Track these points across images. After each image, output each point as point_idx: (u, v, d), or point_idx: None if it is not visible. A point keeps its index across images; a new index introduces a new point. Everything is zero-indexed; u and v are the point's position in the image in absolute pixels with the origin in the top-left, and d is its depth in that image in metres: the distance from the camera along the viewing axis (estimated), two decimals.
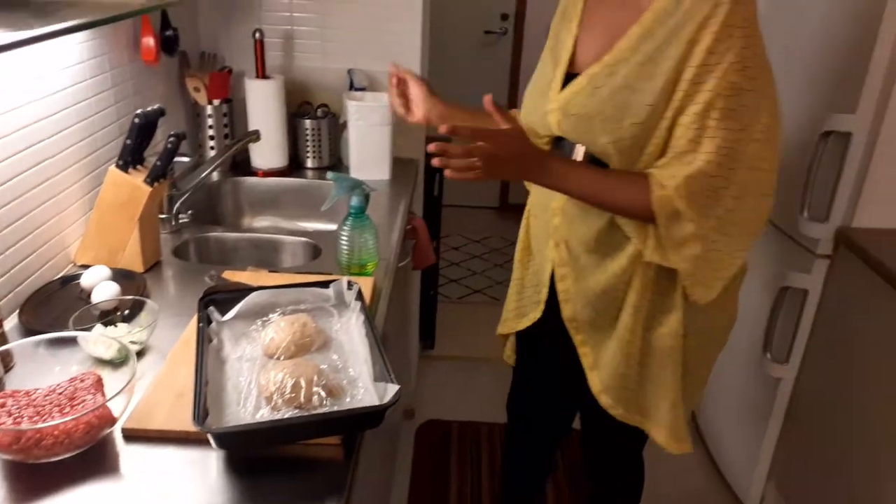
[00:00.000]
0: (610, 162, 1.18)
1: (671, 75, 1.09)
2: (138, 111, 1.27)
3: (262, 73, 1.88)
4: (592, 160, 1.21)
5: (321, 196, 1.92)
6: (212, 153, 1.90)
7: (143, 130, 1.28)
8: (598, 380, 1.36)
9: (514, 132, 1.14)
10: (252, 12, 1.98)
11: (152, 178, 1.32)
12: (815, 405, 1.90)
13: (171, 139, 1.29)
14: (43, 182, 1.29)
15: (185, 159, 1.68)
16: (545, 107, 1.24)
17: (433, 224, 2.68)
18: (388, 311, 1.36)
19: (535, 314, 1.45)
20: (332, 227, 1.53)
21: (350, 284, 1.20)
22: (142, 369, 1.09)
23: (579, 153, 1.23)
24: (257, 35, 1.85)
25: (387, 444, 1.87)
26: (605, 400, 1.36)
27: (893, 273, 1.57)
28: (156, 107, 1.30)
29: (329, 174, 1.37)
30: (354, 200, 1.36)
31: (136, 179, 1.33)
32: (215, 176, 1.88)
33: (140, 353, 1.13)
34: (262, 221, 1.93)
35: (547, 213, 1.34)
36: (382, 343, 1.08)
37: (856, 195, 1.74)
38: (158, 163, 1.30)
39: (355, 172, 1.93)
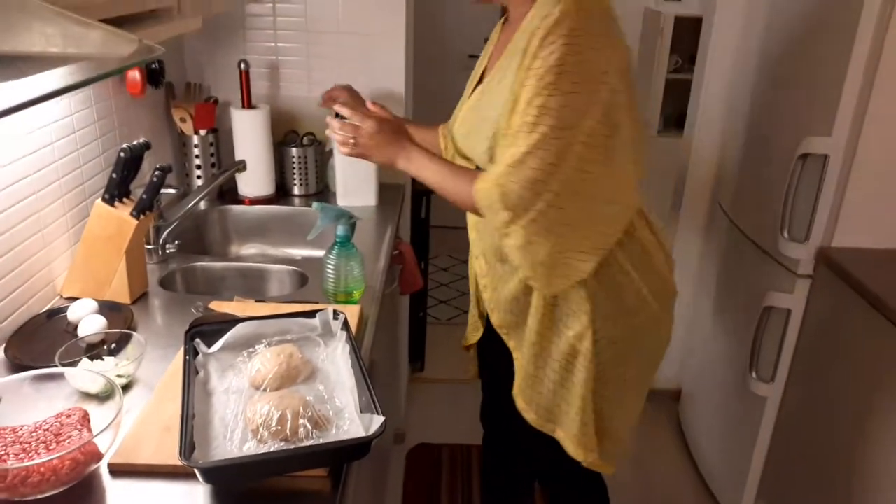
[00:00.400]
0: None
1: (513, 86, 1.18)
2: (124, 145, 1.28)
3: (247, 103, 1.90)
4: None
5: (308, 223, 1.92)
6: (199, 182, 1.91)
7: (128, 164, 1.29)
8: (516, 383, 1.43)
9: (389, 122, 1.33)
10: (237, 43, 2.00)
11: (138, 211, 1.33)
12: (801, 423, 1.92)
13: (157, 173, 1.30)
14: (29, 216, 1.29)
15: (172, 190, 1.69)
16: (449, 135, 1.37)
17: (421, 246, 2.70)
18: (374, 339, 1.37)
19: (482, 326, 1.55)
20: (319, 253, 1.54)
21: (336, 314, 1.21)
22: (129, 403, 1.10)
23: None
24: (243, 66, 1.88)
25: (377, 470, 1.87)
26: (520, 403, 1.43)
27: (873, 293, 1.60)
28: (141, 140, 1.31)
29: (314, 204, 1.39)
30: (340, 229, 1.38)
31: (123, 213, 1.34)
32: (202, 204, 1.89)
33: (127, 387, 1.14)
34: (249, 249, 1.94)
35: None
36: (369, 372, 1.09)
37: (834, 216, 1.78)
38: (144, 196, 1.32)
39: (342, 199, 1.95)
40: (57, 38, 0.50)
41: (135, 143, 1.29)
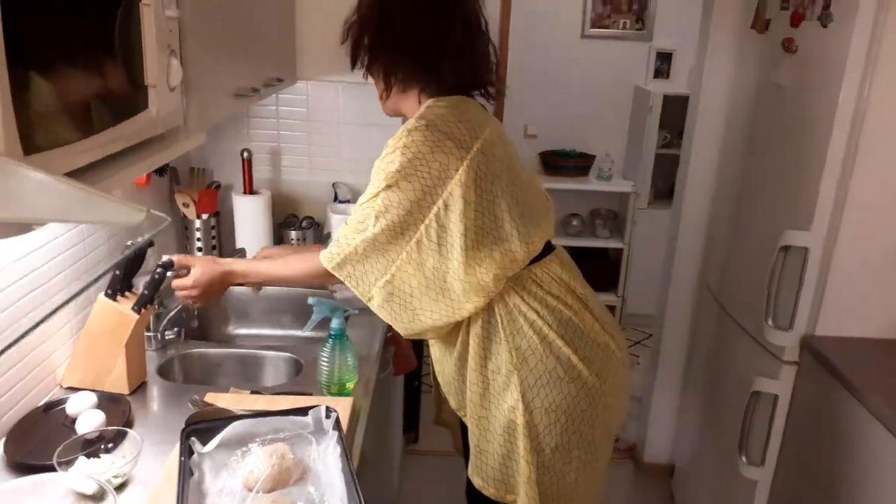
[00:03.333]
0: None
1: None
2: (128, 243, 1.34)
3: (249, 189, 1.97)
4: None
5: (305, 302, 1.98)
6: None
7: (132, 262, 1.35)
8: (471, 461, 1.51)
9: (201, 262, 1.49)
10: (241, 130, 2.09)
11: (139, 306, 1.37)
12: None
13: (159, 270, 1.35)
14: (33, 310, 1.34)
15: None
16: None
17: None
18: (366, 430, 1.40)
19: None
20: (316, 334, 1.58)
21: (328, 412, 1.24)
22: (124, 502, 1.12)
23: None
24: (245, 154, 1.95)
25: None
26: (477, 480, 1.50)
27: (854, 384, 1.63)
28: (145, 237, 1.37)
29: (310, 298, 1.44)
30: (335, 323, 1.42)
31: (125, 307, 1.38)
32: None
33: (123, 485, 1.16)
34: (247, 330, 1.98)
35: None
36: (359, 473, 1.12)
37: (817, 305, 1.82)
38: (146, 292, 1.37)
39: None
40: (62, 209, 0.55)
41: (139, 240, 1.35)
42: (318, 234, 2.09)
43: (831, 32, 1.73)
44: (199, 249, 1.96)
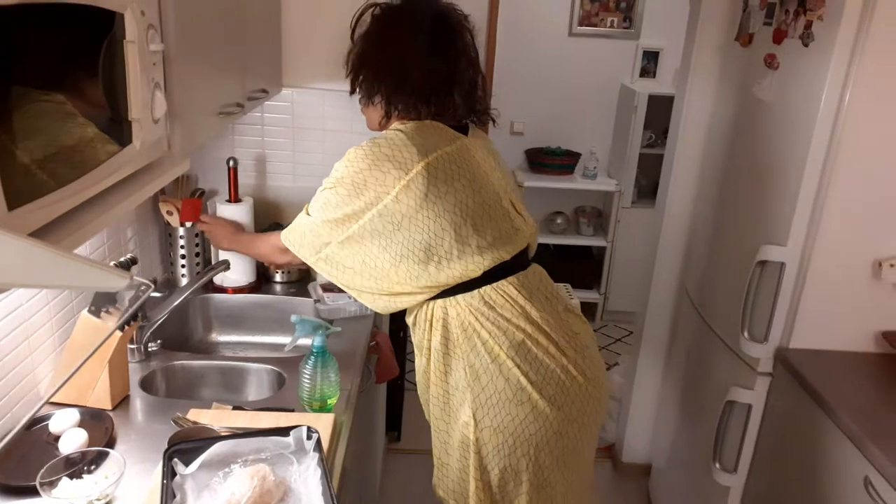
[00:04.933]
0: None
1: None
2: (111, 263, 1.34)
3: (234, 198, 1.97)
4: None
5: (289, 310, 1.99)
6: (183, 271, 1.97)
7: None
8: (434, 473, 1.58)
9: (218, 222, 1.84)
10: (226, 137, 2.08)
11: (123, 324, 1.38)
12: None
13: (143, 288, 1.36)
14: (16, 328, 1.35)
15: (157, 294, 1.74)
16: None
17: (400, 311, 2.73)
18: (349, 439, 1.43)
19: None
20: (301, 342, 1.60)
21: (310, 433, 1.27)
22: None
23: None
24: (231, 163, 1.95)
25: None
26: (439, 493, 1.57)
27: (824, 398, 1.68)
28: (128, 256, 1.38)
29: (293, 317, 1.46)
30: (317, 341, 1.44)
31: (108, 323, 1.39)
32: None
33: None
34: (230, 337, 1.99)
35: None
36: (340, 489, 1.14)
37: (792, 318, 1.86)
38: (129, 309, 1.37)
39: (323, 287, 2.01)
40: (44, 276, 0.57)
41: (122, 259, 1.36)
42: None
43: (812, 52, 1.76)
44: (183, 257, 1.97)
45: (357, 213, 1.40)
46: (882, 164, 1.73)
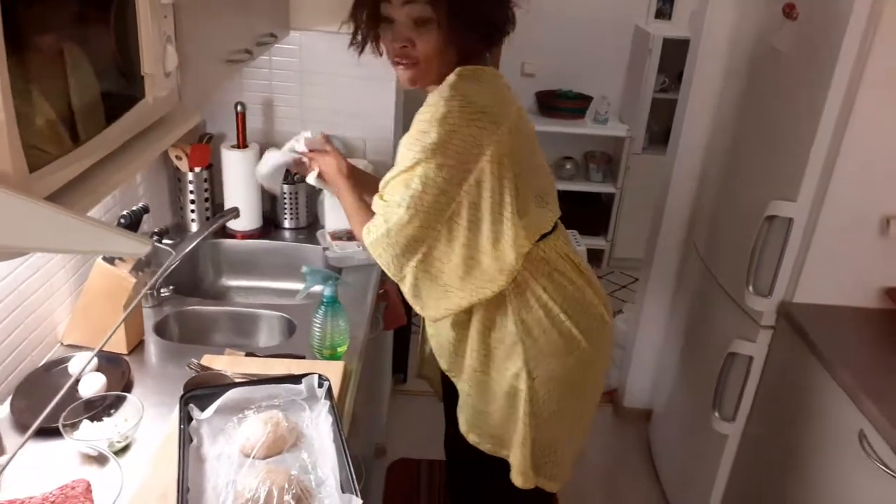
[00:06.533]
0: None
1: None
2: (124, 212, 1.36)
3: (242, 143, 1.97)
4: None
5: (298, 256, 2.02)
6: (192, 216, 1.99)
7: (129, 228, 1.37)
8: (463, 419, 1.59)
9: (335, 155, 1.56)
10: (233, 81, 2.06)
11: (137, 270, 1.41)
12: (759, 461, 2.04)
13: (154, 237, 1.38)
14: (36, 272, 1.37)
15: (169, 242, 1.75)
16: None
17: None
18: (357, 393, 1.47)
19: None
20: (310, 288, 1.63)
21: (321, 381, 1.30)
22: (127, 464, 1.19)
23: None
24: (239, 108, 1.94)
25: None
26: (472, 437, 1.59)
27: (824, 353, 1.70)
28: (140, 205, 1.39)
29: (304, 268, 1.48)
30: (327, 291, 1.46)
31: (122, 271, 1.42)
32: None
33: (125, 448, 1.22)
34: (240, 282, 2.02)
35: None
36: (348, 441, 1.19)
37: (796, 274, 1.88)
38: (143, 256, 1.40)
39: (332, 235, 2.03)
40: (68, 241, 0.58)
41: (134, 208, 1.37)
42: (310, 188, 2.10)
43: (832, 3, 1.71)
44: (192, 202, 1.98)
45: (459, 182, 1.32)
46: None
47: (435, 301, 1.42)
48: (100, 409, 1.26)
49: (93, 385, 1.30)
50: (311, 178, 1.59)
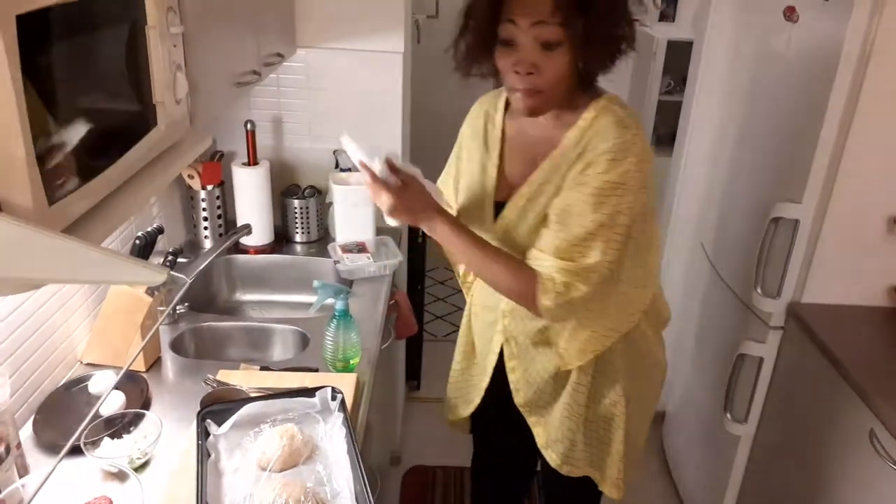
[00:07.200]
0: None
1: (569, 189, 1.28)
2: (139, 234, 1.39)
3: (253, 161, 2.00)
4: None
5: (310, 270, 2.05)
6: (205, 233, 2.02)
7: (143, 249, 1.41)
8: (555, 454, 1.57)
9: (412, 187, 1.32)
10: (242, 99, 2.10)
11: (153, 289, 1.44)
12: (772, 461, 2.05)
13: (170, 258, 1.41)
14: (54, 294, 1.41)
15: (183, 260, 1.79)
16: (480, 227, 1.42)
17: (417, 260, 2.76)
18: (370, 404, 1.50)
19: (477, 399, 1.67)
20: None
21: (334, 394, 1.33)
22: (146, 480, 1.22)
23: None
24: (249, 126, 1.98)
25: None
26: (566, 470, 1.57)
27: (833, 352, 1.71)
28: (155, 226, 1.42)
29: (315, 282, 1.50)
30: (339, 304, 1.49)
31: (139, 290, 1.45)
32: None
33: (145, 465, 1.26)
34: (254, 296, 2.06)
35: (493, 314, 1.54)
36: (362, 452, 1.21)
37: (804, 274, 1.89)
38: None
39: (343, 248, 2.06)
40: (84, 272, 0.61)
41: (149, 229, 1.40)
42: (320, 202, 2.14)
43: (832, 6, 1.72)
44: (206, 219, 2.01)
45: (633, 217, 1.29)
46: None
47: (581, 348, 1.43)
48: (119, 426, 1.29)
49: (113, 403, 1.33)
50: (391, 220, 1.35)
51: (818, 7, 1.78)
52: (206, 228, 2.03)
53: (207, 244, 2.02)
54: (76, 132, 0.80)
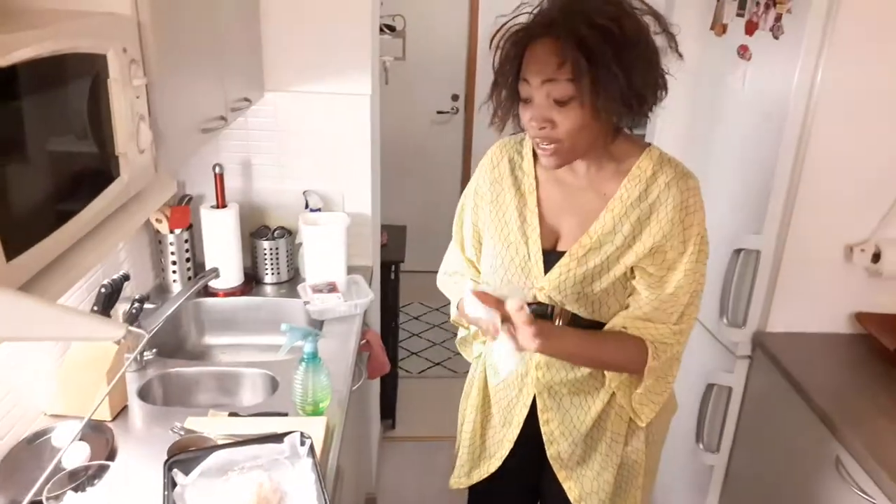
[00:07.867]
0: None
1: (648, 242, 1.32)
2: (105, 282, 1.38)
3: (221, 204, 2.00)
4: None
5: (280, 312, 2.04)
6: (174, 276, 2.01)
7: (110, 295, 1.40)
8: (572, 490, 1.53)
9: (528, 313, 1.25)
10: (210, 143, 2.10)
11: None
12: (745, 490, 2.06)
13: (136, 305, 1.40)
14: (14, 346, 1.39)
15: (151, 306, 1.78)
16: (530, 282, 1.38)
17: (391, 297, 2.76)
18: (342, 446, 1.48)
19: (505, 453, 1.56)
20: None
21: (303, 440, 1.32)
22: None
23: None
24: (217, 169, 1.98)
25: None
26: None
27: (798, 380, 1.74)
28: (121, 273, 1.42)
29: (283, 325, 1.50)
30: (307, 347, 1.49)
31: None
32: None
33: None
34: (222, 339, 2.04)
35: (522, 367, 1.47)
36: (332, 498, 1.20)
37: (768, 304, 1.93)
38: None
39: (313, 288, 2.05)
40: (40, 330, 0.61)
41: (115, 276, 1.39)
42: (290, 243, 2.14)
43: (782, 45, 1.79)
44: (174, 263, 2.00)
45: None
46: (851, 153, 1.78)
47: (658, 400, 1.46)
48: (84, 479, 1.26)
49: (77, 455, 1.30)
50: (514, 362, 1.28)
51: (770, 46, 1.85)
52: (174, 272, 2.02)
53: (176, 288, 2.01)
54: (37, 186, 0.80)
